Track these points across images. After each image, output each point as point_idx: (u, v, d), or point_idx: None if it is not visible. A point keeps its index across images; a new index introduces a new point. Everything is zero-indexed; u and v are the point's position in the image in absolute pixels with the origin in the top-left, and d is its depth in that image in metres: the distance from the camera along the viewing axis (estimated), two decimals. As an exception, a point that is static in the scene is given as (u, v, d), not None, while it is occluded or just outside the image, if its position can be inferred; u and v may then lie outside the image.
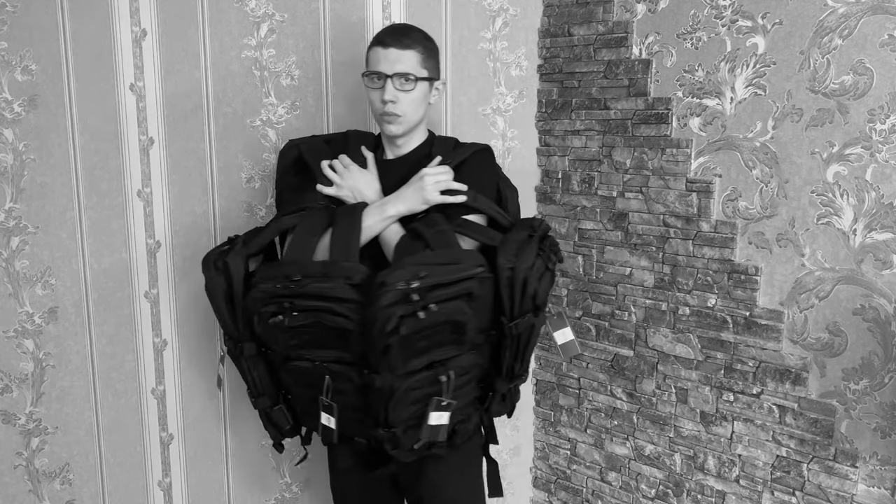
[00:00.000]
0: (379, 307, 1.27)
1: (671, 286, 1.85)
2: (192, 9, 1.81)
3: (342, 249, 1.41)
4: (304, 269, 1.36)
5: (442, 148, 1.58)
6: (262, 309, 1.38)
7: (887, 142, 1.50)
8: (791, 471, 1.71)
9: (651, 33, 1.83)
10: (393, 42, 1.48)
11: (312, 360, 1.40)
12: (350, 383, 1.38)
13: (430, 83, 1.54)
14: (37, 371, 1.84)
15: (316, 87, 1.90)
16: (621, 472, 2.02)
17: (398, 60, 1.47)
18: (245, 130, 1.88)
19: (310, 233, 1.44)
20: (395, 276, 1.29)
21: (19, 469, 1.87)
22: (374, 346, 1.30)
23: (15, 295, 1.79)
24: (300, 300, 1.34)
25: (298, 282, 1.34)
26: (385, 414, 1.36)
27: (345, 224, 1.45)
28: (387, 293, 1.27)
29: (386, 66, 1.47)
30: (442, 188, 1.47)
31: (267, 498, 2.10)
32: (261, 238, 1.50)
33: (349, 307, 1.33)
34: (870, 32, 1.50)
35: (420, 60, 1.49)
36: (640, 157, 1.87)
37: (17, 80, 1.71)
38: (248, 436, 2.04)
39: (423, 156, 1.58)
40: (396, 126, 1.51)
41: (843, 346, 1.61)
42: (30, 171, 1.75)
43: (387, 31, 1.52)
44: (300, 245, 1.42)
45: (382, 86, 1.48)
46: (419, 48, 1.50)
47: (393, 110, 1.49)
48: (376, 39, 1.51)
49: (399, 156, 1.59)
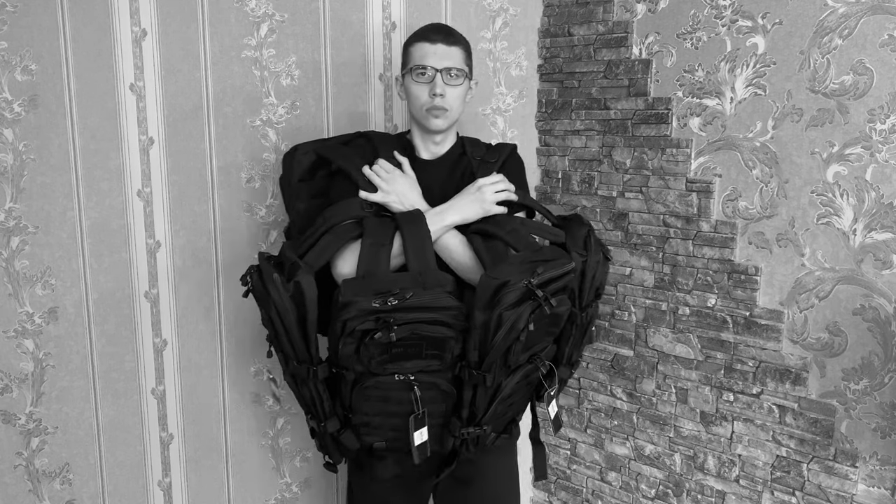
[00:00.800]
0: (505, 306, 1.29)
1: (671, 286, 1.85)
2: (192, 9, 1.81)
3: (420, 259, 1.40)
4: (399, 283, 1.33)
5: (474, 148, 1.62)
6: (359, 327, 1.31)
7: (887, 142, 1.50)
8: (791, 471, 1.71)
9: (651, 33, 1.83)
10: (440, 38, 1.50)
11: (398, 374, 1.36)
12: (435, 390, 1.38)
13: (469, 81, 1.57)
14: (37, 371, 1.83)
15: (316, 87, 1.90)
16: (621, 472, 2.02)
17: (447, 56, 1.50)
18: (245, 130, 1.88)
19: (378, 244, 1.41)
20: (516, 276, 1.31)
21: (19, 469, 1.87)
22: (498, 347, 1.32)
23: (15, 295, 1.79)
24: (401, 314, 1.30)
25: (397, 295, 1.30)
26: (485, 412, 1.40)
27: (414, 233, 1.43)
28: (511, 293, 1.29)
29: (435, 60, 1.49)
30: (501, 198, 1.50)
31: (267, 498, 2.10)
32: (325, 253, 1.42)
33: (451, 314, 1.32)
34: (870, 32, 1.50)
35: (464, 57, 1.54)
36: (640, 157, 1.87)
37: (17, 80, 1.71)
38: (248, 436, 2.04)
39: (458, 155, 1.61)
40: (443, 120, 1.53)
41: (843, 346, 1.61)
42: (30, 171, 1.75)
43: (431, 28, 1.54)
44: (372, 257, 1.39)
45: (432, 79, 1.50)
46: (462, 46, 1.54)
47: (441, 104, 1.50)
48: (420, 36, 1.53)
49: (437, 155, 1.61)
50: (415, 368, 1.35)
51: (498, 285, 1.30)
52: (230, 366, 1.99)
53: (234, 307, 1.96)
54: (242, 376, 2.00)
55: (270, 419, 2.05)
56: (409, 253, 1.40)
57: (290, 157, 1.63)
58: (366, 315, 1.30)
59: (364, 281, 1.35)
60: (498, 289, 1.30)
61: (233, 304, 1.95)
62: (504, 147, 1.64)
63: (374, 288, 1.32)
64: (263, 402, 2.03)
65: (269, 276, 1.35)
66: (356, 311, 1.30)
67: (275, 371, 2.01)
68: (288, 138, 1.90)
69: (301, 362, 1.41)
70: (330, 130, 1.92)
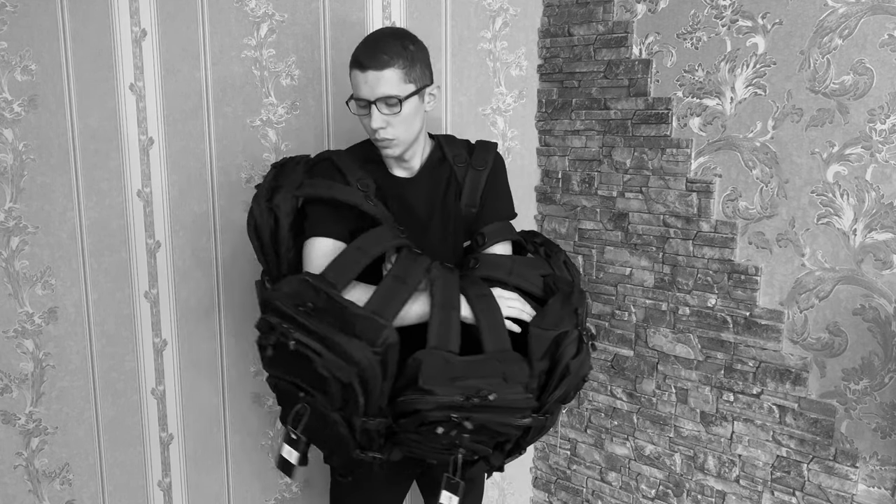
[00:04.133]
0: (570, 357, 1.32)
1: (671, 286, 1.85)
2: (192, 9, 1.81)
3: (496, 338, 1.33)
4: (481, 371, 1.27)
5: (454, 149, 1.55)
6: (431, 420, 1.26)
7: (887, 142, 1.50)
8: (791, 471, 1.71)
9: (651, 33, 1.83)
10: (370, 63, 1.35)
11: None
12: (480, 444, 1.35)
13: (420, 95, 1.43)
14: (37, 371, 1.83)
15: (316, 87, 1.90)
16: (621, 472, 2.02)
17: (378, 83, 1.35)
18: (245, 130, 1.88)
19: (402, 283, 1.32)
20: (568, 324, 1.36)
21: (19, 469, 1.87)
22: (563, 394, 1.35)
23: (15, 295, 1.79)
24: (478, 413, 1.26)
25: (480, 393, 1.25)
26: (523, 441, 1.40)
27: (486, 305, 1.36)
28: (571, 343, 1.34)
29: (367, 90, 1.37)
30: (514, 315, 1.40)
31: (267, 498, 2.10)
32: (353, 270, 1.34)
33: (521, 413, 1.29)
34: (870, 32, 1.50)
35: (402, 76, 1.37)
36: (640, 157, 1.87)
37: (17, 80, 1.71)
38: (248, 436, 2.04)
39: (436, 161, 1.54)
40: (392, 149, 1.44)
41: (843, 346, 1.61)
42: (30, 171, 1.75)
43: (363, 47, 1.39)
44: (389, 295, 1.30)
45: (368, 113, 1.39)
46: (399, 62, 1.37)
47: (384, 136, 1.40)
48: (354, 60, 1.39)
49: (414, 171, 1.52)
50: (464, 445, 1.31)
51: (556, 337, 1.32)
52: (230, 366, 1.99)
53: (234, 307, 1.96)
54: (242, 376, 2.00)
55: (270, 419, 2.05)
56: (483, 328, 1.33)
57: (268, 209, 1.47)
58: (443, 409, 1.25)
59: (445, 366, 1.26)
60: (558, 340, 1.31)
61: (233, 304, 1.95)
62: (488, 148, 1.56)
63: (453, 375, 1.25)
64: (263, 402, 2.03)
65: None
66: (434, 404, 1.24)
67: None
68: (288, 138, 1.90)
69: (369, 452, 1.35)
70: (330, 131, 1.92)
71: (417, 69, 1.41)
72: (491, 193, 1.55)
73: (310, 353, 1.24)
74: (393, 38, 1.39)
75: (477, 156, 1.55)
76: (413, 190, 1.51)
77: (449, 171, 1.53)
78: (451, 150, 1.55)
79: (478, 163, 1.53)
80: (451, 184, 1.53)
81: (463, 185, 1.53)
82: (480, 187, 1.53)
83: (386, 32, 1.43)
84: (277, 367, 1.34)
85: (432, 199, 1.52)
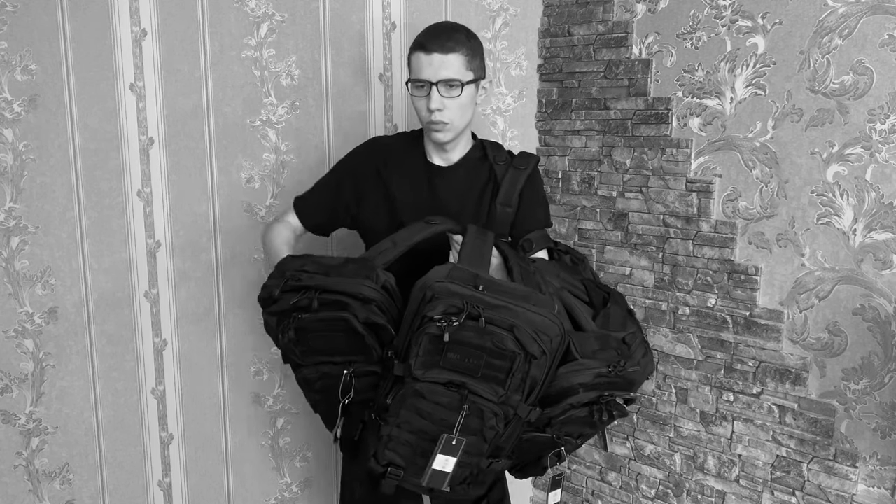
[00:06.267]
0: (640, 355, 1.38)
1: (671, 286, 1.85)
2: (192, 9, 1.81)
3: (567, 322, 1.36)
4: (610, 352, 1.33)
5: (496, 151, 1.57)
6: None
7: (887, 142, 1.50)
8: (791, 471, 1.71)
9: (651, 33, 1.83)
10: (435, 46, 1.40)
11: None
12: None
13: (476, 85, 1.48)
14: (37, 371, 1.83)
15: (316, 87, 1.90)
16: (621, 472, 2.02)
17: (443, 66, 1.40)
18: (245, 130, 1.88)
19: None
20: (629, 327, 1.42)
21: (19, 469, 1.87)
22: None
23: (15, 295, 1.79)
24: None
25: (619, 361, 1.32)
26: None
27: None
28: (640, 342, 1.39)
29: (430, 72, 1.41)
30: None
31: (267, 498, 2.10)
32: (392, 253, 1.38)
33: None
34: (870, 32, 1.50)
35: (465, 63, 1.43)
36: (640, 157, 1.87)
37: (17, 80, 1.71)
38: (248, 436, 2.04)
39: (476, 159, 1.56)
40: (444, 133, 1.47)
41: (843, 346, 1.61)
42: (30, 171, 1.75)
43: (428, 33, 1.44)
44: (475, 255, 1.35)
45: (428, 94, 1.42)
46: (463, 50, 1.42)
47: (440, 118, 1.44)
48: (417, 44, 1.43)
49: (451, 162, 1.55)
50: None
51: (624, 337, 1.34)
52: (230, 366, 1.99)
53: (234, 307, 1.96)
54: (242, 376, 2.00)
55: (270, 419, 2.05)
56: (578, 314, 1.40)
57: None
58: (593, 386, 1.28)
59: (587, 340, 1.32)
60: (626, 341, 1.35)
61: (233, 304, 1.95)
62: (531, 155, 1.59)
63: (593, 348, 1.30)
64: (263, 402, 2.03)
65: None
66: (592, 375, 1.28)
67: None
68: (288, 138, 1.90)
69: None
70: (330, 131, 1.92)
71: (478, 60, 1.47)
72: (530, 200, 1.56)
73: (502, 331, 1.19)
74: (457, 29, 1.47)
75: (520, 158, 1.57)
76: (446, 180, 1.54)
77: (489, 170, 1.55)
78: (493, 151, 1.58)
79: (520, 163, 1.56)
80: (489, 182, 1.55)
81: (501, 183, 1.54)
82: (518, 187, 1.54)
83: (450, 24, 1.51)
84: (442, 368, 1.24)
85: (465, 193, 1.54)
